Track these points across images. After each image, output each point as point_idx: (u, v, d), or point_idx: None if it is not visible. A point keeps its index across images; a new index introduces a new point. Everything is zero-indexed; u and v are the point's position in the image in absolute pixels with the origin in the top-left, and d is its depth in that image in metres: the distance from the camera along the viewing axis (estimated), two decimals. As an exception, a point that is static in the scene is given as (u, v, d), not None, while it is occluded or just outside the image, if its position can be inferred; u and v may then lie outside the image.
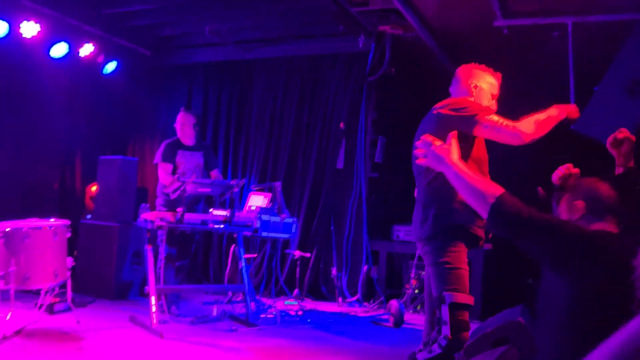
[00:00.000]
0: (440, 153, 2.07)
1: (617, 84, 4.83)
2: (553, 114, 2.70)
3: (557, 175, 2.47)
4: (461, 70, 3.04)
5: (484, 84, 2.96)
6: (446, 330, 2.56)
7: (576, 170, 2.45)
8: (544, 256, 1.85)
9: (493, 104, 2.99)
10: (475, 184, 1.94)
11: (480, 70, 3.02)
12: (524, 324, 2.25)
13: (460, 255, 2.71)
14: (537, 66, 6.03)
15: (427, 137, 2.14)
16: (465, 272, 2.71)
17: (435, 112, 2.86)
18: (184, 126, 5.34)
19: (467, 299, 2.64)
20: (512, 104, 3.13)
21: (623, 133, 2.28)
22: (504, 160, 3.77)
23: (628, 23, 4.83)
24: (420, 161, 2.17)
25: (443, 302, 2.62)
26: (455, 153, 2.06)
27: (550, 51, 5.53)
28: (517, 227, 1.82)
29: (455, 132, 2.19)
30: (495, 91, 3.01)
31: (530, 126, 2.62)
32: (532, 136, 2.62)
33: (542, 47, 5.63)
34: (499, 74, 3.05)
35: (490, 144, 2.96)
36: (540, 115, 2.67)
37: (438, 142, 2.10)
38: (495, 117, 2.69)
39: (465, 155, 2.73)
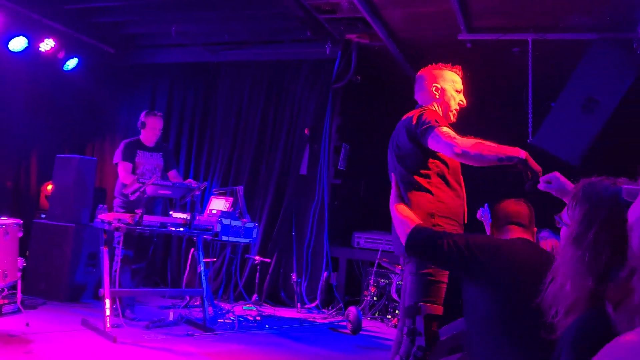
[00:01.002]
0: (392, 200, 2.58)
1: (573, 100, 5.00)
2: (508, 148, 2.46)
3: None
4: (421, 75, 2.97)
5: (446, 84, 2.90)
6: (420, 341, 2.56)
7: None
8: (459, 272, 2.19)
9: (462, 99, 2.92)
10: (403, 218, 2.38)
11: (439, 69, 2.94)
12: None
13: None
14: (498, 80, 6.19)
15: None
16: (444, 286, 2.69)
17: (402, 124, 2.83)
18: (155, 130, 5.28)
19: (439, 310, 2.65)
20: (472, 115, 3.16)
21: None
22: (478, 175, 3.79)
23: (585, 42, 5.02)
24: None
25: (418, 313, 2.60)
26: (398, 199, 2.57)
27: (510, 66, 5.68)
28: (431, 251, 2.18)
29: (393, 178, 2.62)
30: (460, 86, 2.92)
31: (469, 143, 2.48)
32: (465, 149, 2.45)
33: (503, 61, 5.78)
34: (459, 67, 2.95)
35: None
36: (490, 143, 2.49)
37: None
38: (444, 129, 2.56)
39: (442, 167, 2.70)
